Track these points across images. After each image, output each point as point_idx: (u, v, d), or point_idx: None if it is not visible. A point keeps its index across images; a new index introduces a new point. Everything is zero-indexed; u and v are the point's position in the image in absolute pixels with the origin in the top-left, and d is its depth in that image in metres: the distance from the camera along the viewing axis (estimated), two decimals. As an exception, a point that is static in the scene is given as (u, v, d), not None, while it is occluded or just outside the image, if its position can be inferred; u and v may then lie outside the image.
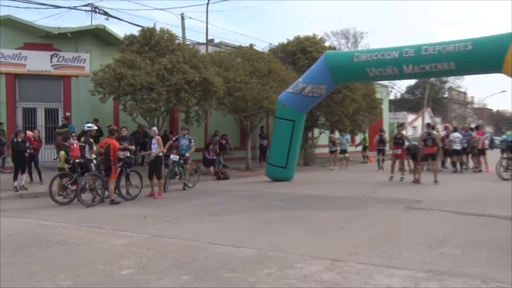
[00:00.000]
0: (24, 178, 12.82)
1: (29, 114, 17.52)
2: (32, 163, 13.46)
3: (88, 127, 11.87)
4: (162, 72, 14.67)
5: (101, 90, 14.89)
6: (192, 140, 13.91)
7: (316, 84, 14.85)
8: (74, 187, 11.07)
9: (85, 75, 17.34)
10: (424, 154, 14.37)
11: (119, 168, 11.25)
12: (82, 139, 11.76)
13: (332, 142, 21.75)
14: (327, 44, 24.71)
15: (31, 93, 17.49)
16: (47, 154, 16.65)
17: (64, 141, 11.89)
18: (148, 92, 14.63)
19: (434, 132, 15.66)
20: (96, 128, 12.85)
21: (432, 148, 14.35)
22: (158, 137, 12.52)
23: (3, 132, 15.27)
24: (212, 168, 17.60)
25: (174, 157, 13.31)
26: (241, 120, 19.20)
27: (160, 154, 12.29)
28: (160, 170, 12.41)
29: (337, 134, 22.81)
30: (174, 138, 14.57)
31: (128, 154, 11.88)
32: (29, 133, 13.67)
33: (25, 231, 7.71)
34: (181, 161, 13.48)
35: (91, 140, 11.73)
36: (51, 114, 17.76)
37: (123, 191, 11.71)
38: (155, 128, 13.11)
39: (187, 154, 13.60)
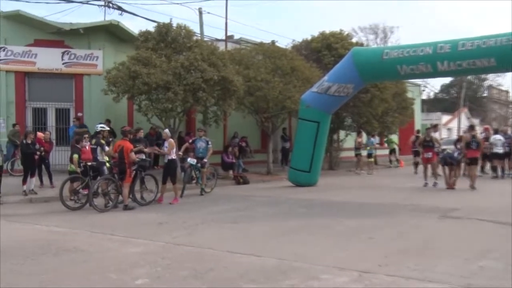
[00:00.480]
0: (33, 181, 12.98)
1: (39, 115, 17.71)
2: (43, 166, 13.65)
3: (101, 127, 12.05)
4: (179, 70, 14.76)
5: (114, 89, 15.05)
6: (210, 142, 13.94)
7: (343, 83, 14.78)
8: (85, 192, 11.21)
9: (98, 74, 17.50)
10: (469, 159, 14.27)
11: (134, 172, 11.34)
12: (93, 141, 11.92)
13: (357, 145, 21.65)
14: (354, 40, 24.54)
15: (41, 92, 17.68)
16: (58, 156, 16.84)
17: (76, 143, 12.02)
18: (164, 92, 14.73)
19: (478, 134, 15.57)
20: (108, 129, 13.02)
21: (477, 152, 14.38)
22: (171, 139, 12.44)
23: (17, 134, 15.48)
24: (231, 172, 17.65)
25: (191, 160, 13.32)
26: (262, 121, 19.20)
27: (174, 157, 12.22)
28: (175, 174, 12.42)
29: (364, 137, 22.61)
30: (190, 140, 14.60)
31: (143, 156, 11.96)
32: (39, 134, 13.83)
33: (34, 238, 7.83)
34: (198, 164, 13.53)
35: (102, 141, 11.87)
36: (62, 115, 17.93)
37: (138, 195, 11.79)
38: (167, 130, 12.98)
39: (205, 160, 13.64)
